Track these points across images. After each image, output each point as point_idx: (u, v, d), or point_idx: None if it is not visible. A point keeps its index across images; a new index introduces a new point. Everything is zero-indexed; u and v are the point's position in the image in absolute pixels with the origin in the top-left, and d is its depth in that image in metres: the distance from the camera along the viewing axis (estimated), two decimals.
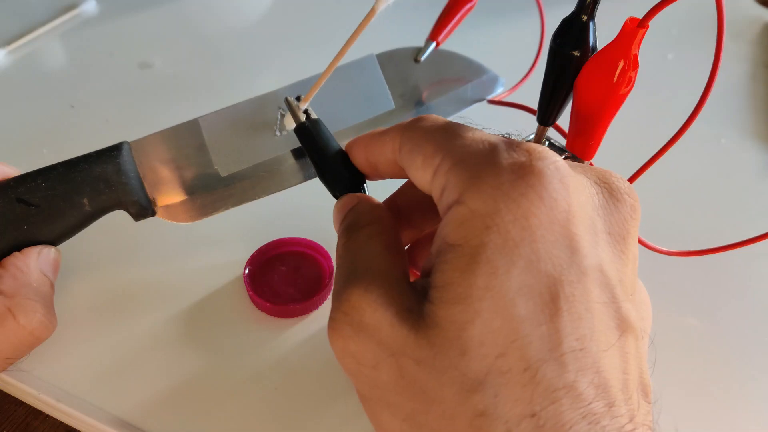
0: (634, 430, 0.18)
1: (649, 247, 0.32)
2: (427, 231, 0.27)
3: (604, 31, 0.26)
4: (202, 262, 0.35)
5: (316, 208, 0.31)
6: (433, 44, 0.36)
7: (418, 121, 0.23)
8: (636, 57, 0.24)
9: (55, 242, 0.29)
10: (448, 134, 0.21)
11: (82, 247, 0.32)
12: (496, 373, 0.18)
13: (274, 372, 0.30)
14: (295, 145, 0.31)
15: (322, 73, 0.30)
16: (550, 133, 0.30)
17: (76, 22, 0.53)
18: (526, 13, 0.45)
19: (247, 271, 0.33)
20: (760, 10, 0.58)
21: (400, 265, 0.21)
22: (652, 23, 0.23)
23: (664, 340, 0.28)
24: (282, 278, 0.33)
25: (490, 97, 0.38)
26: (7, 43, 0.49)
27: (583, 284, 0.18)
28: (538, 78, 0.28)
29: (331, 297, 0.21)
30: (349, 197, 0.25)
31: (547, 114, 0.28)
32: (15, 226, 0.28)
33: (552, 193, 0.19)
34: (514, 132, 0.28)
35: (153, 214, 0.30)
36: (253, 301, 0.32)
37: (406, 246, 0.28)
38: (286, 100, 0.31)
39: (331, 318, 0.21)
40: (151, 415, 0.28)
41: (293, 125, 0.30)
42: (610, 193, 0.21)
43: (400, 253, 0.22)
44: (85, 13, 0.53)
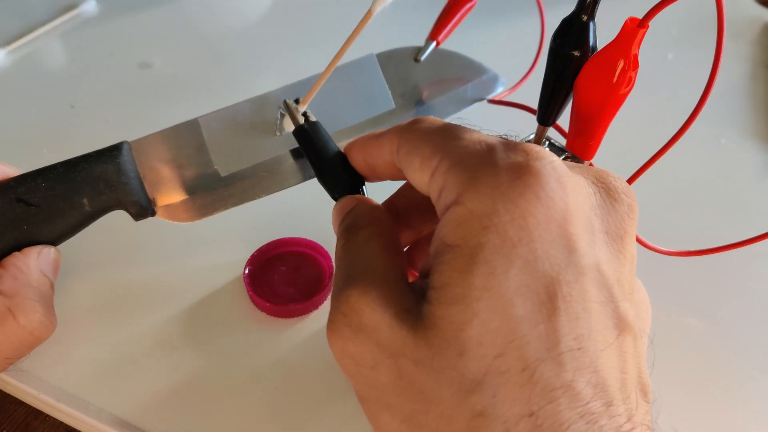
0: (632, 429, 0.18)
1: (649, 247, 0.32)
2: (425, 232, 0.27)
3: (604, 31, 0.26)
4: (202, 262, 0.35)
5: (316, 208, 0.31)
6: (433, 44, 0.36)
7: (416, 123, 0.23)
8: (636, 57, 0.24)
9: (55, 242, 0.29)
10: (445, 135, 0.21)
11: (82, 247, 0.32)
12: (495, 373, 0.18)
13: (274, 372, 0.30)
14: (295, 145, 0.31)
15: (320, 73, 0.30)
16: (551, 133, 0.30)
17: (76, 22, 0.53)
18: (526, 13, 0.45)
19: (247, 271, 0.33)
20: (760, 10, 0.58)
21: (398, 266, 0.21)
22: (652, 23, 0.23)
23: (664, 340, 0.28)
24: (282, 278, 0.33)
25: (491, 97, 0.38)
26: (7, 43, 0.49)
27: (581, 284, 0.18)
28: (538, 78, 0.28)
29: (330, 298, 0.21)
30: (348, 199, 0.25)
31: (547, 114, 0.28)
32: (15, 226, 0.28)
33: (549, 193, 0.19)
34: (512, 133, 0.28)
35: (153, 214, 0.30)
36: (253, 301, 0.32)
37: (405, 247, 0.28)
38: (285, 103, 0.31)
39: (330, 319, 0.21)
40: (151, 415, 0.28)
41: (292, 127, 0.30)
42: (608, 192, 0.21)
43: (399, 255, 0.22)
44: (85, 13, 0.53)
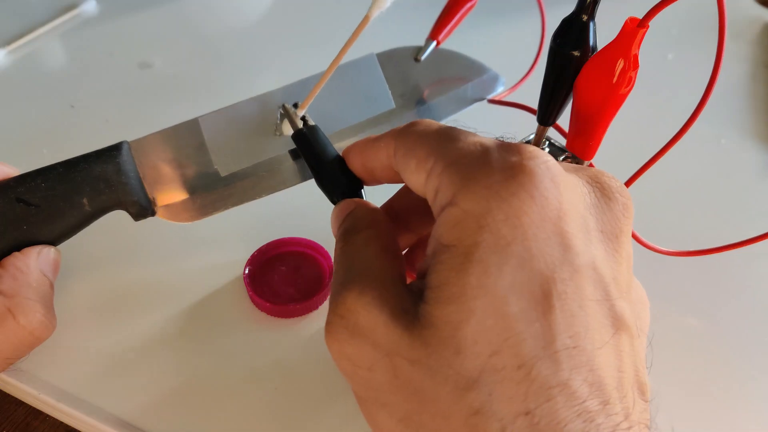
0: (629, 428, 0.18)
1: (649, 247, 0.32)
2: (424, 234, 0.27)
3: (604, 31, 0.26)
4: (202, 262, 0.35)
5: (316, 208, 0.31)
6: (434, 43, 0.36)
7: (412, 126, 0.23)
8: (636, 57, 0.24)
9: (55, 242, 0.29)
10: (441, 138, 0.21)
11: (82, 247, 0.32)
12: (490, 371, 0.18)
13: (274, 372, 0.30)
14: (294, 145, 0.31)
15: (320, 74, 0.30)
16: (551, 133, 0.30)
17: (76, 22, 0.53)
18: (526, 13, 0.45)
19: (247, 271, 0.33)
20: (760, 10, 0.58)
21: (396, 268, 0.22)
22: (652, 23, 0.23)
23: (664, 340, 0.28)
24: (282, 278, 0.33)
25: (491, 97, 0.38)
26: (7, 43, 0.49)
27: (576, 282, 0.18)
28: (539, 78, 0.28)
29: (328, 300, 0.21)
30: (347, 202, 0.25)
31: (547, 114, 0.27)
32: (15, 226, 0.28)
33: (543, 192, 0.19)
34: (508, 135, 0.28)
35: (153, 213, 0.30)
36: (253, 301, 0.32)
37: (405, 250, 0.28)
38: (284, 107, 0.31)
39: (328, 321, 0.21)
40: (151, 415, 0.28)
41: (290, 131, 0.30)
42: (602, 192, 0.21)
43: (397, 257, 0.22)
44: (85, 13, 0.53)
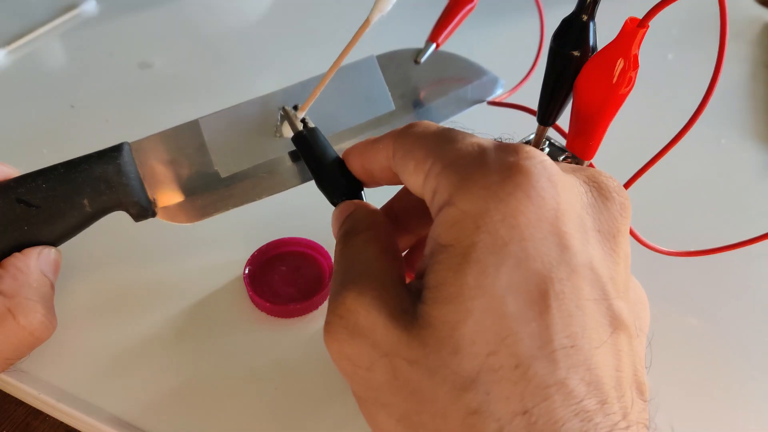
0: (627, 427, 0.18)
1: (650, 247, 0.32)
2: (423, 235, 0.27)
3: (604, 31, 0.26)
4: (202, 262, 0.35)
5: (316, 209, 0.31)
6: (433, 46, 0.36)
7: (410, 128, 0.23)
8: (636, 57, 0.24)
9: (56, 243, 0.29)
10: (439, 139, 0.21)
11: (83, 248, 0.32)
12: (488, 371, 0.18)
13: (274, 372, 0.30)
14: (295, 147, 0.31)
15: (320, 76, 0.30)
16: (551, 134, 0.30)
17: (76, 22, 0.53)
18: (526, 14, 0.45)
19: (247, 271, 0.33)
20: (760, 10, 0.58)
21: (395, 269, 0.22)
22: (652, 23, 0.23)
23: (664, 340, 0.28)
24: (282, 278, 0.33)
25: (490, 99, 0.38)
26: (7, 43, 0.49)
27: (573, 281, 0.18)
28: (538, 79, 0.28)
29: (328, 301, 0.22)
30: (347, 204, 0.25)
31: (547, 114, 0.27)
32: (15, 226, 0.28)
33: (540, 192, 0.19)
34: (506, 135, 0.28)
35: (153, 214, 0.30)
36: (253, 301, 0.32)
37: (404, 251, 0.28)
38: (284, 110, 0.31)
39: (327, 321, 0.21)
40: (151, 415, 0.28)
41: (291, 133, 0.30)
42: (599, 191, 0.21)
43: (396, 258, 0.22)
44: (85, 13, 0.53)
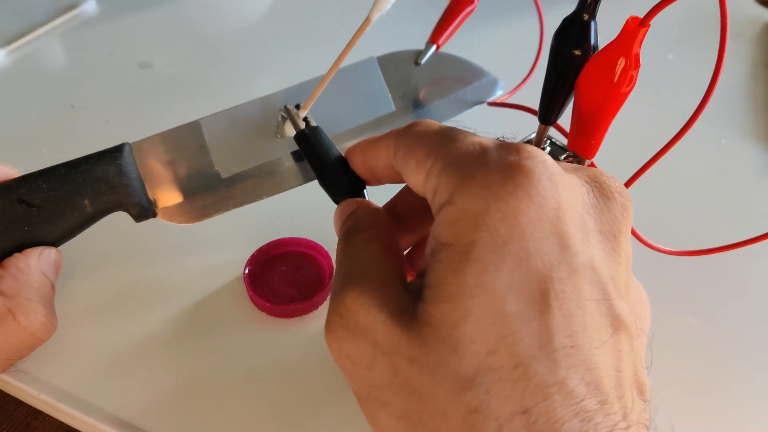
0: (628, 427, 0.18)
1: (650, 246, 0.32)
2: (425, 234, 0.27)
3: (604, 30, 0.26)
4: (202, 262, 0.35)
5: (316, 209, 0.31)
6: (434, 47, 0.36)
7: (412, 127, 0.23)
8: (637, 56, 0.24)
9: (56, 243, 0.29)
10: (440, 138, 0.21)
11: (83, 248, 0.32)
12: (487, 370, 0.18)
13: (274, 372, 0.30)
14: (296, 147, 0.31)
15: (321, 77, 0.30)
16: (552, 133, 0.30)
17: (76, 22, 0.53)
18: (526, 15, 0.45)
19: (247, 271, 0.33)
20: (760, 10, 0.58)
21: (396, 268, 0.22)
22: (652, 23, 0.23)
23: (664, 340, 0.28)
24: (282, 278, 0.33)
25: (490, 100, 0.38)
26: (7, 43, 0.49)
27: (574, 281, 0.18)
28: (538, 79, 0.28)
29: (329, 300, 0.22)
30: (349, 202, 0.25)
31: (548, 113, 0.27)
32: (16, 227, 0.28)
33: (541, 191, 0.19)
34: (508, 135, 0.28)
35: (154, 215, 0.30)
36: (253, 301, 0.32)
37: (406, 250, 0.28)
38: (286, 108, 0.31)
39: (328, 320, 0.21)
40: (151, 415, 0.28)
41: (293, 132, 0.30)
42: (601, 191, 0.21)
43: (397, 257, 0.22)
44: (85, 13, 0.53)
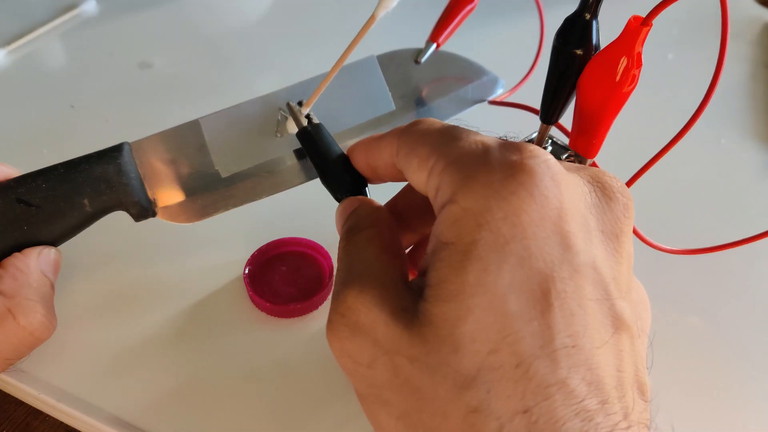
0: (628, 427, 0.18)
1: (653, 245, 0.32)
2: (427, 233, 0.27)
3: (605, 30, 0.26)
4: (202, 262, 0.35)
5: (317, 209, 0.31)
6: (434, 46, 0.36)
7: (415, 125, 0.23)
8: (639, 55, 0.24)
9: (56, 243, 0.29)
10: (443, 136, 0.21)
11: (83, 248, 0.32)
12: (488, 369, 0.18)
13: (274, 372, 0.30)
14: (296, 146, 0.31)
15: (322, 75, 0.30)
16: (553, 132, 0.30)
17: (76, 22, 0.52)
18: (526, 14, 0.45)
19: (247, 271, 0.33)
20: (760, 10, 0.58)
21: (397, 267, 0.22)
22: (653, 23, 0.23)
23: (664, 339, 0.28)
24: (282, 278, 0.33)
25: (491, 98, 0.38)
26: (7, 43, 0.49)
27: (576, 281, 0.18)
28: (539, 78, 0.28)
29: (330, 299, 0.22)
30: (350, 201, 0.25)
31: (550, 112, 0.27)
32: (15, 226, 0.28)
33: (543, 191, 0.19)
34: (511, 134, 0.28)
35: (154, 214, 0.30)
36: (253, 301, 0.32)
37: (408, 248, 0.28)
38: (288, 105, 0.31)
39: (329, 319, 0.21)
40: (151, 415, 0.28)
41: (294, 129, 0.30)
42: (603, 191, 0.21)
43: (399, 255, 0.22)
44: (85, 13, 0.53)
